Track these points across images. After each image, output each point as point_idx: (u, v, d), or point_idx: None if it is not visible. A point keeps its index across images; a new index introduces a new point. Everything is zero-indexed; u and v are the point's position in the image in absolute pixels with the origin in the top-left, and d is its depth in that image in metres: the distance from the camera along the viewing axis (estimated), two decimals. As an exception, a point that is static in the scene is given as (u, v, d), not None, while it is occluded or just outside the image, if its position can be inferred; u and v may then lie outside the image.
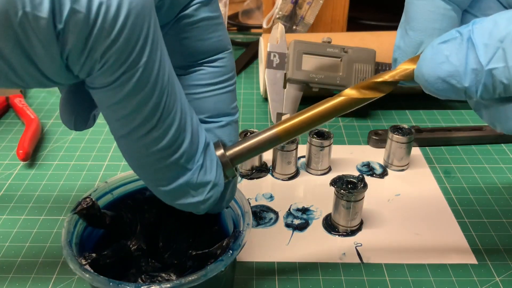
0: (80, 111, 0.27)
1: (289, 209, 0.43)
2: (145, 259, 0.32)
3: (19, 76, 0.20)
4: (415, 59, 0.26)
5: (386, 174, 0.48)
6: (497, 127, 0.25)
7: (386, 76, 0.26)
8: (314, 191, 0.46)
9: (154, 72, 0.21)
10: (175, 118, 0.23)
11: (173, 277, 0.30)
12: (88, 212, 0.31)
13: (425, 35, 0.26)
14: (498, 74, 0.22)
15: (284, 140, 0.28)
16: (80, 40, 0.19)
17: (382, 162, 0.50)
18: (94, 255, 0.30)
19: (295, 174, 0.48)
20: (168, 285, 0.26)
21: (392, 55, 0.29)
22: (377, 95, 0.27)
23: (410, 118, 0.58)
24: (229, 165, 0.27)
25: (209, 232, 0.35)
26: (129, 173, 0.35)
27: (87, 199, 0.32)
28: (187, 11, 0.26)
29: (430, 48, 0.24)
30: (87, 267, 0.28)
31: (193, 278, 0.27)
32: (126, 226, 0.34)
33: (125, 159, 0.25)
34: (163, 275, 0.30)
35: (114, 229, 0.34)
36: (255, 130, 0.47)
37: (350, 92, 0.27)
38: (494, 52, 0.22)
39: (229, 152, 0.28)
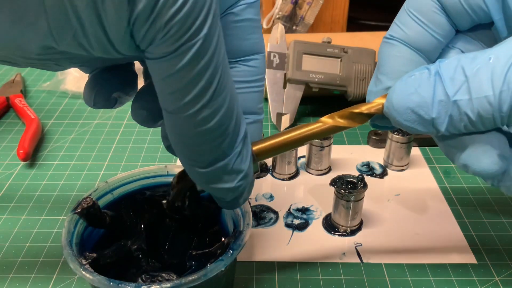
0: (100, 88, 0.28)
1: (289, 209, 0.43)
2: (145, 259, 0.32)
3: (86, 36, 0.20)
4: None
5: (386, 174, 0.48)
6: (469, 168, 0.25)
7: (363, 108, 0.28)
8: (314, 191, 0.46)
9: (212, 46, 0.22)
10: (225, 99, 0.24)
11: (173, 277, 0.30)
12: (89, 212, 0.31)
13: (394, 78, 0.28)
14: (463, 105, 0.23)
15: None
16: (148, 6, 0.20)
17: (382, 162, 0.50)
18: (94, 255, 0.30)
19: (295, 174, 0.48)
20: (168, 285, 0.26)
21: (366, 98, 0.30)
22: (352, 125, 0.28)
23: (410, 118, 0.58)
24: (254, 159, 0.28)
25: (209, 232, 0.35)
26: (129, 173, 0.36)
27: (88, 199, 0.32)
28: (234, 10, 0.27)
29: (400, 81, 0.25)
30: (88, 267, 0.28)
31: (193, 278, 0.27)
32: (126, 226, 0.34)
33: (169, 136, 0.25)
34: (163, 275, 0.30)
35: (114, 229, 0.34)
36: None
37: (326, 120, 0.28)
38: (460, 86, 0.23)
39: (254, 148, 0.28)
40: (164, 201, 0.36)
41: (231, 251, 0.29)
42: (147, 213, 0.35)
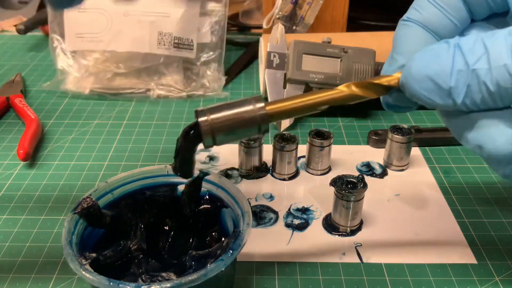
0: None
1: (289, 209, 0.43)
2: (145, 259, 0.32)
3: None
4: None
5: (386, 174, 0.48)
6: (483, 149, 0.25)
7: (383, 80, 0.27)
8: (314, 191, 0.46)
9: None
10: None
11: (173, 277, 0.30)
12: (89, 212, 0.32)
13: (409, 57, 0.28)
14: (482, 75, 0.23)
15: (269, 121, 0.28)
16: None
17: (382, 162, 0.50)
18: (94, 255, 0.30)
19: (295, 174, 0.48)
20: (168, 285, 0.26)
21: None
22: (368, 95, 0.27)
23: (410, 118, 0.58)
24: (268, 120, 0.27)
25: (209, 232, 0.35)
26: (129, 173, 0.36)
27: (88, 199, 0.32)
28: None
29: (419, 52, 0.25)
30: (88, 267, 0.28)
31: (193, 278, 0.27)
32: (126, 226, 0.34)
33: None
34: (163, 275, 0.30)
35: (114, 229, 0.34)
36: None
37: (342, 89, 0.28)
38: (480, 56, 0.23)
39: (268, 108, 0.28)
40: (164, 200, 0.36)
41: (231, 251, 0.29)
42: (147, 213, 0.35)
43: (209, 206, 0.35)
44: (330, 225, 0.41)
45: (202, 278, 0.27)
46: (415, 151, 0.51)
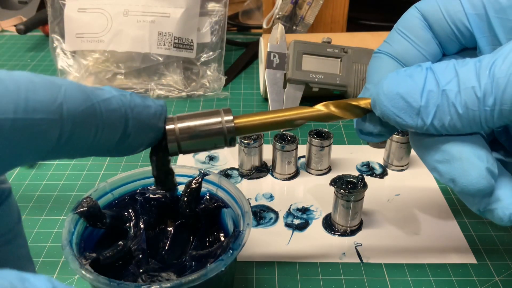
0: None
1: (289, 209, 0.43)
2: (145, 259, 0.32)
3: None
4: None
5: (386, 174, 0.48)
6: (456, 182, 0.25)
7: (361, 102, 0.28)
8: (314, 191, 0.46)
9: None
10: None
11: (173, 277, 0.30)
12: (89, 212, 0.31)
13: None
14: (451, 96, 0.23)
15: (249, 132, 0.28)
16: None
17: (382, 162, 0.50)
18: (94, 255, 0.30)
19: (295, 174, 0.48)
20: (168, 285, 0.26)
21: None
22: (345, 116, 0.28)
23: (410, 118, 0.58)
24: (234, 133, 0.28)
25: (209, 232, 0.35)
26: (129, 173, 0.36)
27: (88, 199, 0.32)
28: None
29: (393, 72, 0.26)
30: (88, 267, 0.28)
31: (193, 278, 0.27)
32: (126, 226, 0.34)
33: None
34: (163, 275, 0.30)
35: (114, 229, 0.34)
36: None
37: (320, 108, 0.28)
38: (450, 79, 0.24)
39: (236, 121, 0.28)
40: (163, 199, 0.36)
41: (231, 251, 0.29)
42: (147, 213, 0.35)
43: (209, 205, 0.35)
44: (330, 225, 0.41)
45: (202, 278, 0.27)
46: (415, 151, 0.51)
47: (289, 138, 0.46)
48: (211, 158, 0.50)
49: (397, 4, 0.79)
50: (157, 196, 0.36)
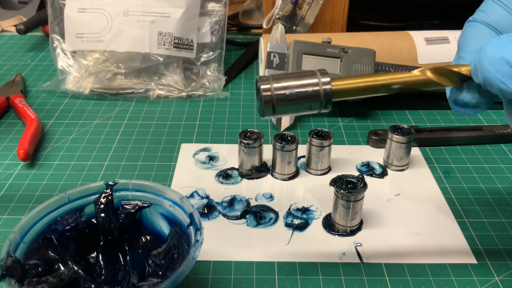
0: None
1: (289, 209, 0.43)
2: (87, 285, 0.31)
3: None
4: None
5: (386, 174, 0.48)
6: None
7: (463, 68, 0.26)
8: (314, 191, 0.46)
9: None
10: None
11: None
12: (14, 269, 0.29)
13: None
14: None
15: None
16: None
17: (382, 162, 0.50)
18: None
19: (295, 174, 0.48)
20: None
21: None
22: (442, 82, 0.26)
23: (410, 118, 0.58)
24: (331, 96, 0.26)
25: (139, 240, 0.35)
26: (31, 214, 0.33)
27: (7, 258, 0.29)
28: None
29: (495, 38, 0.25)
30: None
31: None
32: (55, 267, 0.32)
33: None
34: None
35: (49, 272, 0.32)
36: (255, 130, 0.47)
37: (415, 73, 0.27)
38: None
39: (333, 83, 0.26)
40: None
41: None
42: (68, 247, 0.33)
43: (130, 210, 0.34)
44: (330, 225, 0.41)
45: None
46: (415, 151, 0.51)
47: (289, 138, 0.46)
48: (211, 158, 0.50)
49: (397, 4, 0.79)
50: (69, 226, 0.34)
